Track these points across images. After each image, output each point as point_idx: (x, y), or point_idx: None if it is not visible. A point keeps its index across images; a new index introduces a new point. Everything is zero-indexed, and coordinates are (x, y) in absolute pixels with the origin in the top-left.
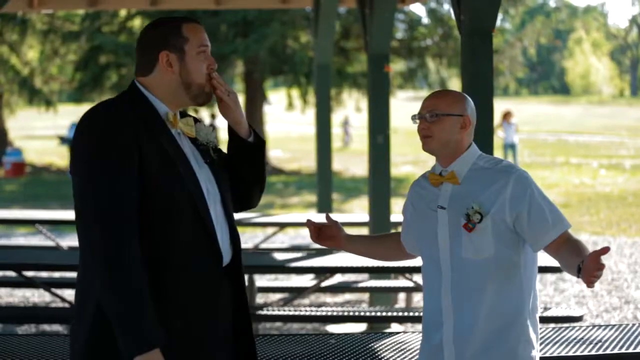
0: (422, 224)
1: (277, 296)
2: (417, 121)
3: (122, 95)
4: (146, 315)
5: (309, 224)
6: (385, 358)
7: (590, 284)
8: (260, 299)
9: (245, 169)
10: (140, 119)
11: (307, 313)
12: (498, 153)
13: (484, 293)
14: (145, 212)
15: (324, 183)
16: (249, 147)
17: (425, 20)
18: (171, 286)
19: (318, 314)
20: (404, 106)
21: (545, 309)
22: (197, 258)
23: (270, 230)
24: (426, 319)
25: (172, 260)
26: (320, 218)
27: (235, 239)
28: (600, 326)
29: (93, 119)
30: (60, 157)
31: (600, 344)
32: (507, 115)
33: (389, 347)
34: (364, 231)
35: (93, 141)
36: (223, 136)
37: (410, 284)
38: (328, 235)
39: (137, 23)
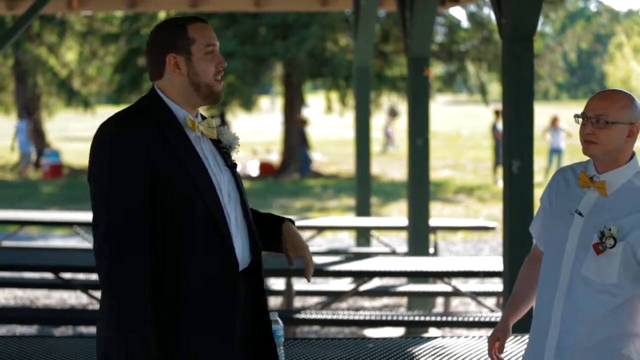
0: (555, 222)
1: (315, 300)
2: (580, 121)
3: (142, 101)
4: (140, 337)
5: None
6: None
7: None
8: (298, 302)
9: None
10: (157, 129)
11: (345, 317)
12: (543, 157)
13: (597, 317)
14: (162, 224)
15: (363, 187)
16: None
17: (465, 23)
18: (185, 299)
19: (356, 318)
20: (443, 110)
21: None
22: (213, 269)
23: (308, 233)
24: (534, 322)
25: (188, 272)
26: (360, 221)
27: (254, 241)
28: None
29: (105, 132)
30: None
31: None
32: (554, 121)
33: (427, 351)
34: (402, 235)
35: (108, 159)
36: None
37: (449, 289)
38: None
39: None
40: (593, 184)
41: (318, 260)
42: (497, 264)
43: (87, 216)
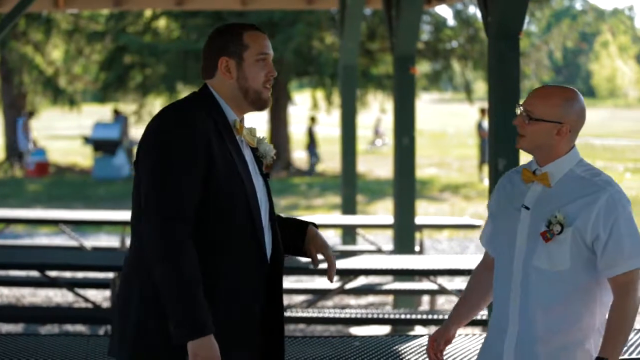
0: (504, 221)
1: (301, 298)
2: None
3: (194, 96)
4: (199, 304)
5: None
6: None
7: None
8: (284, 300)
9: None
10: (211, 121)
11: (331, 315)
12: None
13: (553, 306)
14: (205, 210)
15: (349, 185)
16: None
17: (451, 22)
18: (217, 281)
19: (342, 316)
20: (429, 108)
21: None
22: (246, 257)
23: None
24: (491, 323)
25: (222, 258)
26: (346, 219)
27: (277, 246)
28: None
29: (165, 118)
30: (83, 158)
31: (625, 348)
32: None
33: (413, 349)
34: (388, 233)
35: (163, 140)
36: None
37: (434, 287)
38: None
39: (162, 23)
40: (536, 177)
41: (304, 258)
42: None
43: (73, 214)
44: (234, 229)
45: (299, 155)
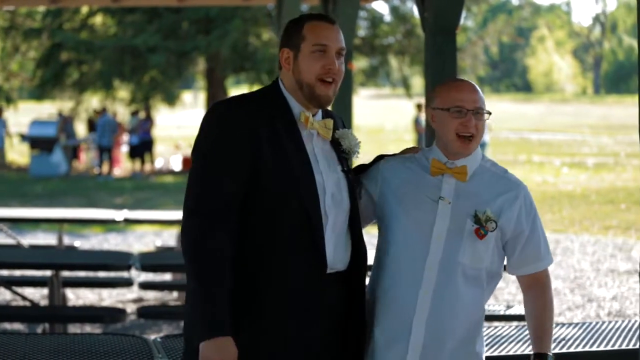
0: (416, 211)
1: None
2: (461, 116)
3: (263, 88)
4: (218, 303)
5: None
6: None
7: None
8: None
9: None
10: (267, 119)
11: None
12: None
13: (466, 300)
14: (257, 215)
15: None
16: None
17: (388, 17)
18: (266, 286)
19: None
20: (367, 104)
21: (508, 307)
22: (297, 261)
23: None
24: (391, 313)
25: (271, 260)
26: None
27: (356, 248)
28: (563, 324)
29: (219, 113)
30: (20, 155)
31: (563, 342)
32: None
33: None
34: None
35: (209, 138)
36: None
37: None
38: None
39: (98, 20)
40: (451, 170)
41: None
42: None
43: (10, 212)
44: (287, 228)
45: None
